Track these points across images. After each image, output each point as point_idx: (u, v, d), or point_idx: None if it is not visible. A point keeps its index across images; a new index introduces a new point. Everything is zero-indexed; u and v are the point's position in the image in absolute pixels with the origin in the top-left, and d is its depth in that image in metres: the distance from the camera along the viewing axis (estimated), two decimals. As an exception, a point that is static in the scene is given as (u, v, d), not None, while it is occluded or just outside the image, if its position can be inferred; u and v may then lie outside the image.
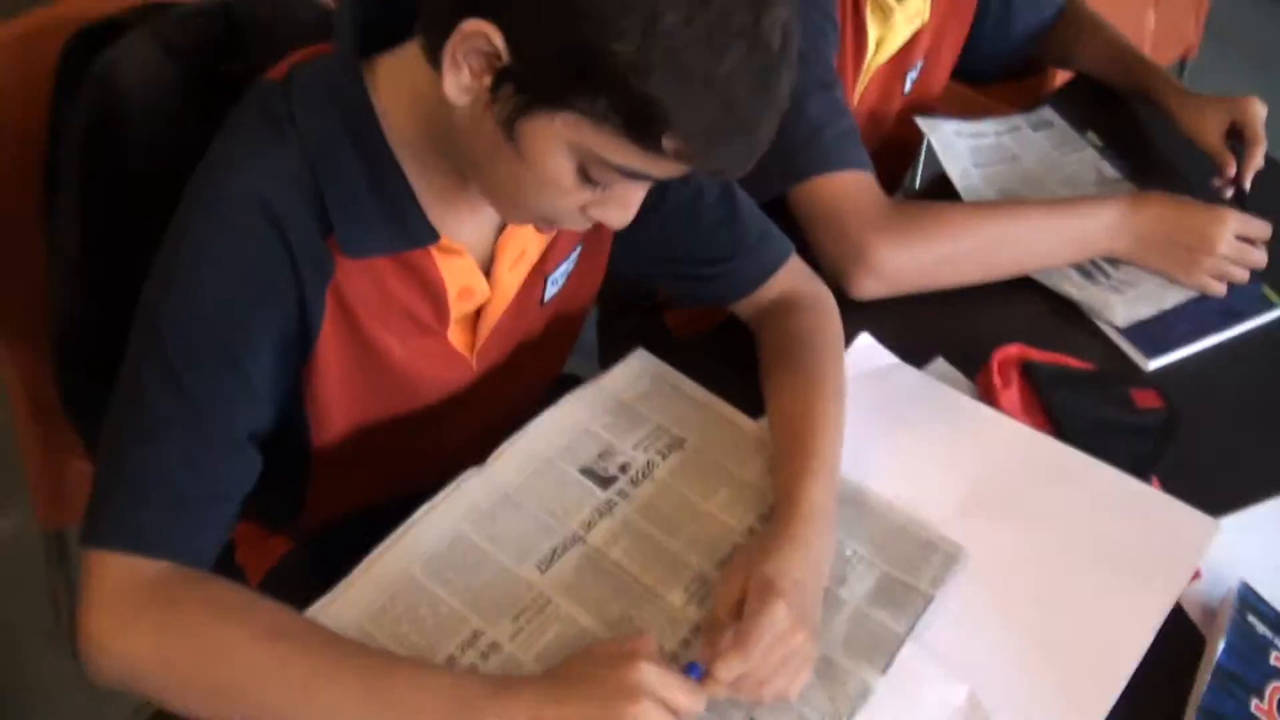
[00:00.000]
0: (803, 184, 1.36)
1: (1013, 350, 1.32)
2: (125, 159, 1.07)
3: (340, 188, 0.95)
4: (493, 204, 1.00)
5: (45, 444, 1.36)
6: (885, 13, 1.50)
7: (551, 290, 1.18)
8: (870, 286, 1.35)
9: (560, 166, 0.89)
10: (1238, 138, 1.55)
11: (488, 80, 0.86)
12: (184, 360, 0.92)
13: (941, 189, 1.55)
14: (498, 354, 1.17)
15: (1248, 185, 1.53)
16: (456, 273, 1.05)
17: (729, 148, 0.85)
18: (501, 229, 1.08)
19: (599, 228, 1.00)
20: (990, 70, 1.78)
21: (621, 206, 0.95)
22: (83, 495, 0.92)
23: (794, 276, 1.28)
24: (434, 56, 0.89)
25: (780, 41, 0.83)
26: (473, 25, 0.84)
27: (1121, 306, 1.41)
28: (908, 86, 1.64)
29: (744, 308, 1.28)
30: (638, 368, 1.26)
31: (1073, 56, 1.78)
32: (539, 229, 1.09)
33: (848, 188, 1.36)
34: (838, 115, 1.37)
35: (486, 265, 1.09)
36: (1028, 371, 1.31)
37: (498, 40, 0.84)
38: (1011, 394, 1.28)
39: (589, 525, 1.10)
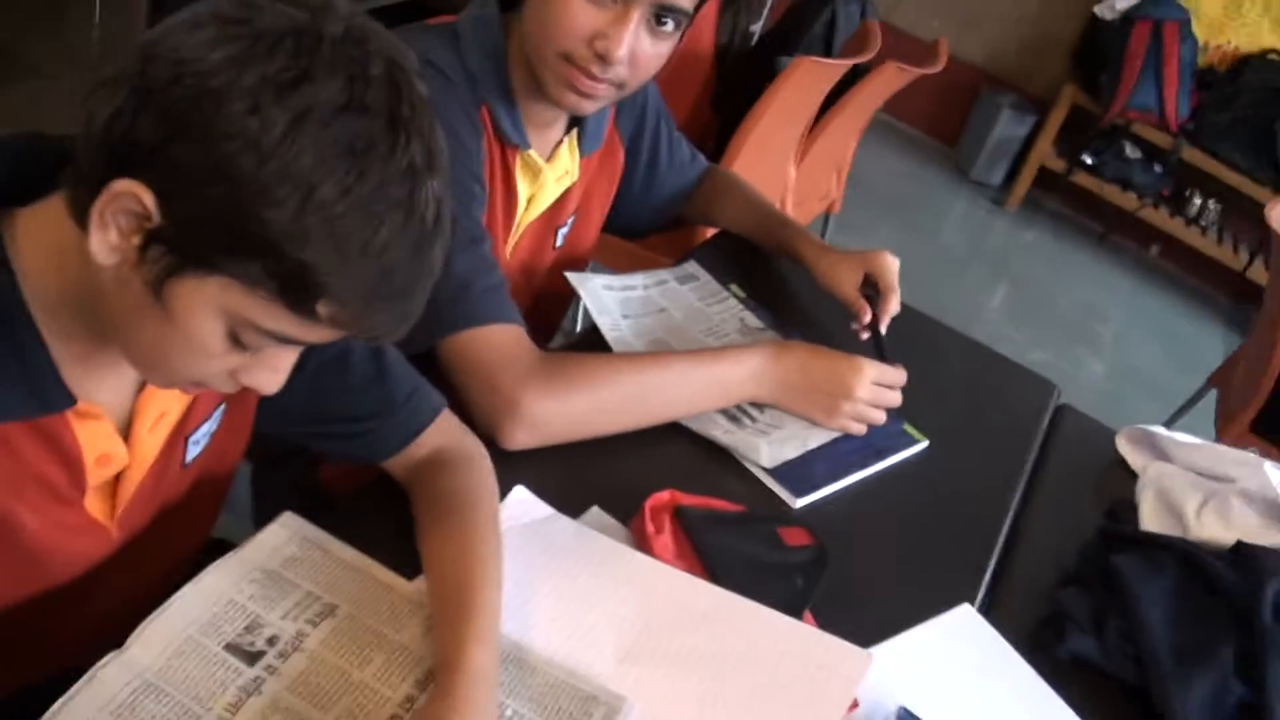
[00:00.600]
0: (452, 337, 1.40)
1: (664, 496, 1.38)
2: None
3: None
4: (136, 367, 1.00)
5: None
6: (534, 172, 1.58)
7: (194, 451, 1.17)
8: (521, 437, 1.39)
9: (210, 330, 0.90)
10: (873, 288, 1.67)
11: (137, 240, 0.87)
12: None
13: (594, 341, 1.61)
14: (140, 520, 1.14)
15: (884, 331, 1.65)
16: (94, 437, 1.03)
17: (385, 314, 0.89)
18: (141, 388, 1.08)
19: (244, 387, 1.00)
20: (639, 226, 1.89)
21: (273, 370, 0.97)
22: None
23: (445, 432, 1.31)
24: (81, 214, 0.89)
25: (435, 213, 0.88)
26: (123, 185, 0.85)
27: (767, 448, 1.49)
28: (559, 240, 1.71)
29: (395, 465, 1.30)
30: (285, 532, 1.25)
31: (715, 216, 1.91)
32: (185, 391, 1.09)
33: (496, 340, 1.40)
34: (486, 270, 1.42)
35: (125, 427, 1.07)
36: (680, 516, 1.37)
37: (148, 200, 0.85)
38: (665, 539, 1.34)
39: (235, 707, 1.07)
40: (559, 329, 1.88)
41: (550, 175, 1.60)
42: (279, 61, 0.82)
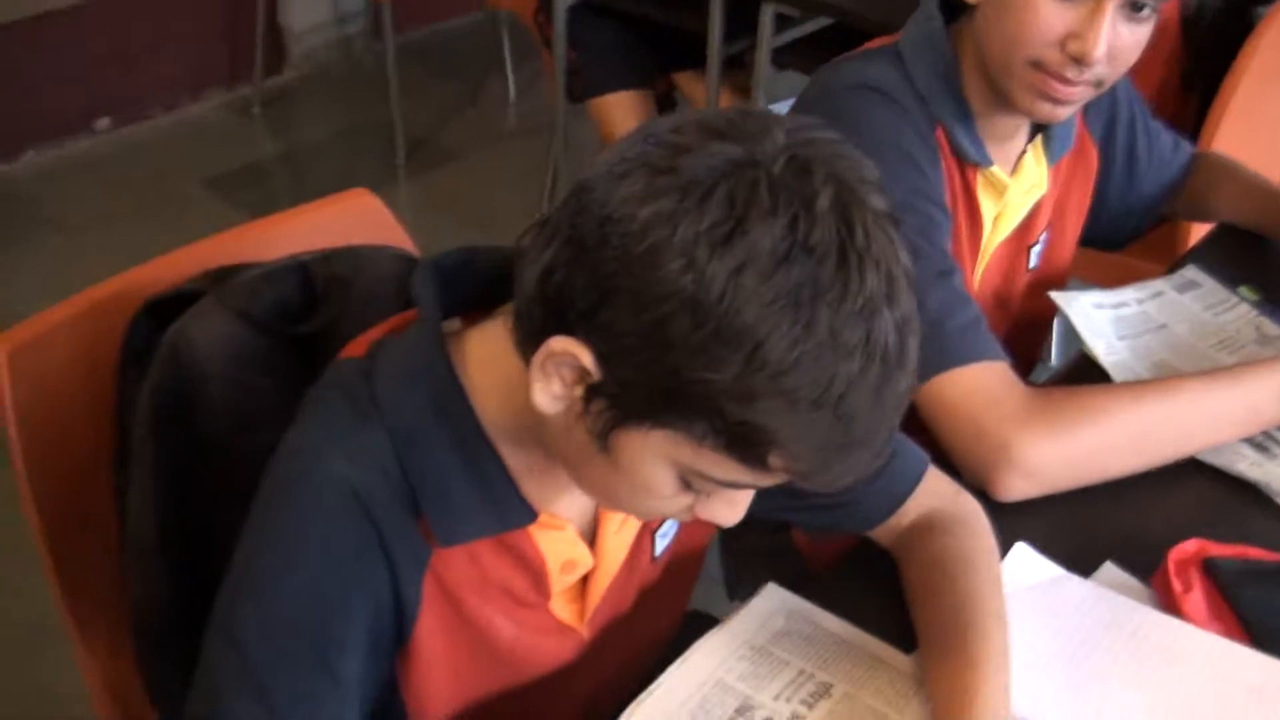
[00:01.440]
0: (929, 383, 1.34)
1: (1190, 547, 1.28)
2: (199, 431, 1.09)
3: (431, 472, 0.96)
4: (590, 496, 1.02)
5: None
6: (999, 189, 1.50)
7: (662, 545, 1.17)
8: (1019, 487, 1.32)
9: (660, 477, 0.90)
10: None
11: (579, 392, 0.88)
12: (268, 669, 0.92)
13: (1085, 369, 1.52)
14: (609, 616, 1.16)
15: None
16: (557, 546, 1.05)
17: (846, 464, 0.86)
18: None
19: None
20: (1121, 234, 1.78)
21: (730, 505, 0.96)
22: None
23: (933, 493, 1.26)
24: (525, 357, 0.90)
25: (898, 347, 0.83)
26: (560, 344, 0.86)
27: None
28: (1033, 261, 1.62)
29: (881, 533, 1.27)
30: (770, 605, 1.23)
31: (1210, 207, 1.77)
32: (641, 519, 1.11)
33: (980, 381, 1.34)
34: (960, 304, 1.36)
35: (590, 531, 1.09)
36: (1211, 570, 1.26)
37: (587, 360, 0.85)
38: (1195, 598, 1.24)
39: (732, 793, 1.05)
40: (1038, 361, 1.78)
41: (1016, 190, 1.52)
42: (712, 215, 0.79)
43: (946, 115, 1.43)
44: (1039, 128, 1.53)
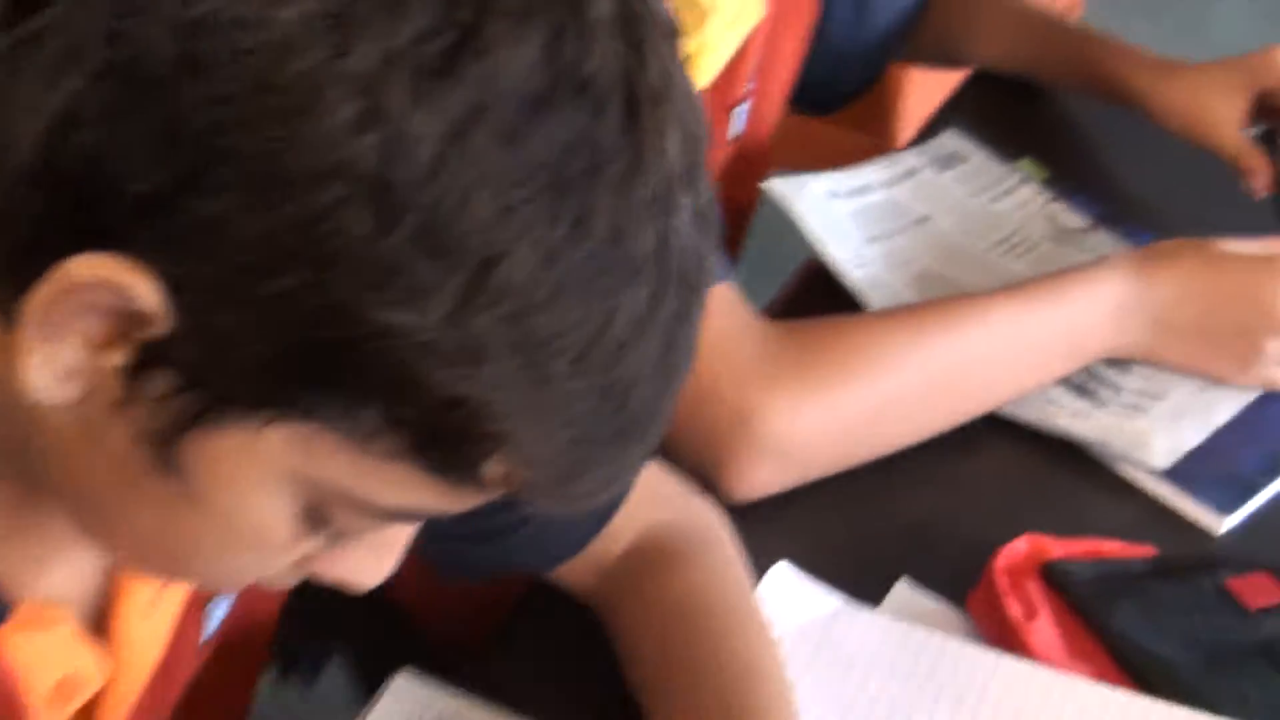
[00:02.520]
0: None
1: (1019, 548, 0.98)
2: None
3: None
4: (123, 561, 0.72)
5: None
6: (699, 13, 1.12)
7: (213, 622, 0.84)
8: (767, 474, 1.02)
9: (270, 511, 0.62)
10: (1268, 119, 1.25)
11: (119, 360, 0.58)
12: None
13: (819, 286, 1.21)
14: None
15: None
16: (45, 657, 0.73)
17: (606, 467, 0.61)
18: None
19: None
20: (842, 85, 1.46)
21: (378, 554, 0.68)
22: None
23: (653, 500, 0.96)
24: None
25: (696, 259, 0.59)
26: (90, 266, 0.55)
27: (1157, 435, 1.09)
28: (736, 126, 1.27)
29: (575, 572, 0.95)
30: (402, 706, 0.89)
31: (964, 47, 1.45)
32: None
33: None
34: None
35: (100, 617, 0.77)
36: (1055, 580, 0.96)
37: (146, 293, 0.55)
38: (1043, 627, 0.94)
39: None
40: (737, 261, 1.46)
41: (720, 18, 1.16)
42: (416, 22, 0.54)
43: None
44: None
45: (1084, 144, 1.46)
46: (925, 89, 1.76)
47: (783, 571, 0.97)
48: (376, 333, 0.54)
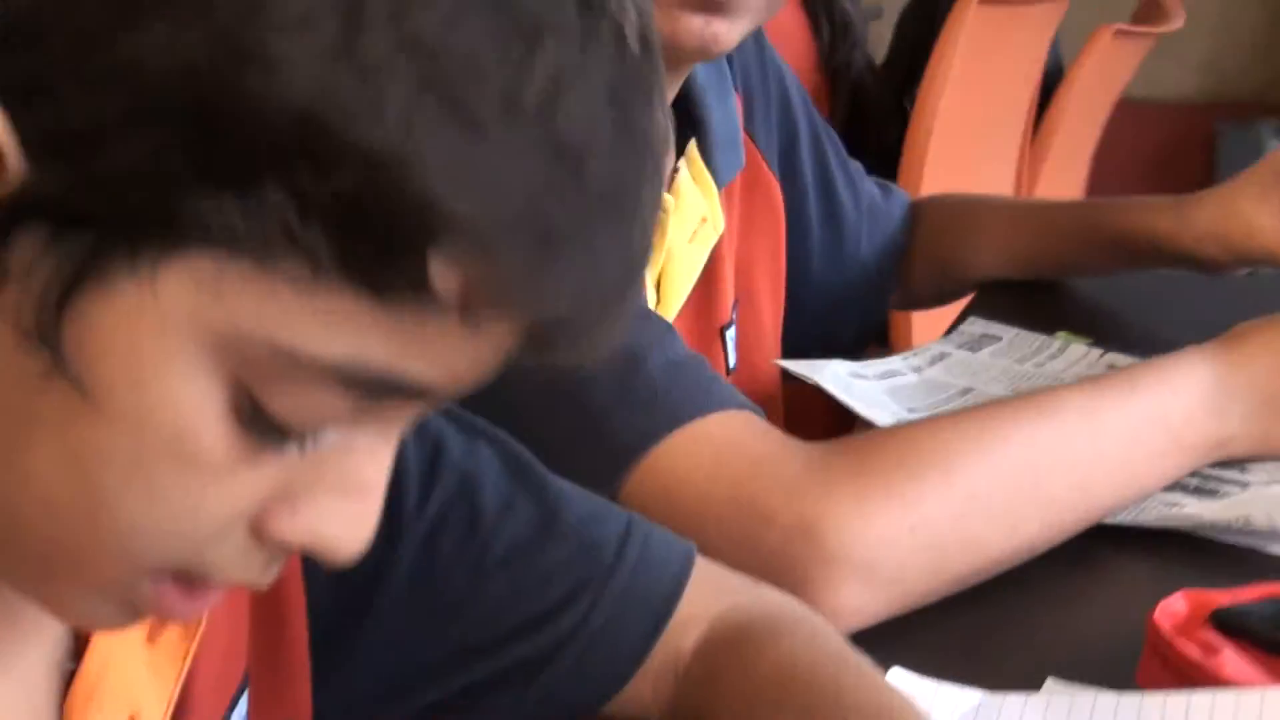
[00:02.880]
0: (646, 458, 0.90)
1: (1178, 605, 0.81)
2: None
3: None
4: (18, 585, 0.55)
5: None
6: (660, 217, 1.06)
7: None
8: (859, 594, 0.87)
9: (190, 399, 0.49)
10: None
11: None
12: None
13: None
14: None
15: None
16: None
17: (585, 254, 0.49)
18: (77, 653, 0.61)
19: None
20: (844, 325, 1.38)
21: (344, 497, 0.52)
22: None
23: (719, 589, 0.82)
24: None
25: (638, 29, 0.51)
26: None
27: None
28: (730, 355, 1.20)
29: (644, 693, 0.79)
30: None
31: (965, 261, 1.38)
32: (160, 614, 0.58)
33: (732, 435, 0.91)
34: (660, 334, 0.97)
35: None
36: (1229, 623, 0.80)
37: None
38: (1229, 658, 0.78)
39: None
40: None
41: (678, 227, 1.11)
42: None
43: None
44: (688, 124, 1.14)
45: (1117, 314, 1.38)
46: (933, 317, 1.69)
47: (899, 678, 0.79)
48: (258, 83, 0.44)
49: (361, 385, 0.48)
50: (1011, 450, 0.92)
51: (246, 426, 0.48)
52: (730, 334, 1.21)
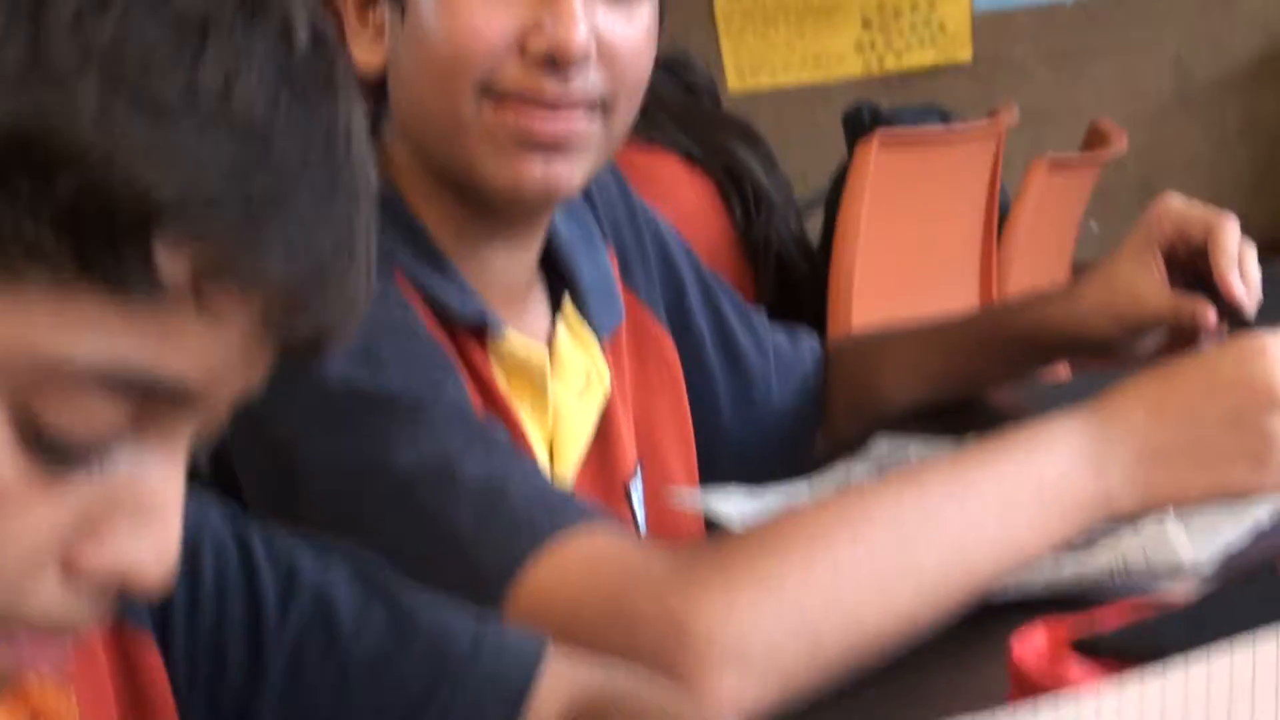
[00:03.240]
0: (514, 585, 0.91)
1: (1037, 640, 0.80)
2: None
3: None
4: None
5: None
6: (530, 380, 1.09)
7: None
8: (735, 685, 0.85)
9: None
10: (1191, 273, 1.19)
11: None
12: None
13: None
14: None
15: (1251, 306, 1.14)
16: None
17: (281, 221, 0.52)
18: None
19: None
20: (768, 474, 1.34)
21: (140, 521, 0.54)
22: None
23: (570, 673, 0.82)
24: None
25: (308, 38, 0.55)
26: None
27: (1178, 530, 0.95)
28: (640, 517, 1.20)
29: None
30: None
31: (877, 388, 1.38)
32: None
33: (588, 550, 0.92)
34: (513, 459, 1.00)
35: None
36: (1092, 650, 0.78)
37: None
38: (1091, 671, 0.77)
39: None
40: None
41: (564, 388, 1.12)
42: None
43: (400, 251, 1.05)
44: (557, 279, 1.17)
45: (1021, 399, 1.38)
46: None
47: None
48: None
49: (124, 389, 0.50)
50: (876, 520, 0.92)
51: (33, 450, 0.50)
52: (636, 492, 1.21)
